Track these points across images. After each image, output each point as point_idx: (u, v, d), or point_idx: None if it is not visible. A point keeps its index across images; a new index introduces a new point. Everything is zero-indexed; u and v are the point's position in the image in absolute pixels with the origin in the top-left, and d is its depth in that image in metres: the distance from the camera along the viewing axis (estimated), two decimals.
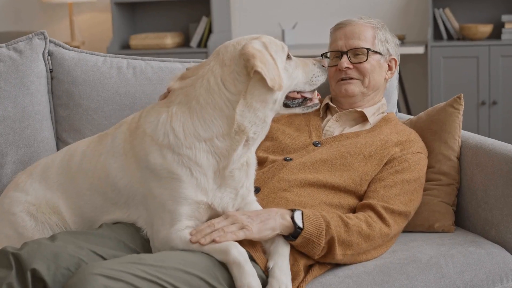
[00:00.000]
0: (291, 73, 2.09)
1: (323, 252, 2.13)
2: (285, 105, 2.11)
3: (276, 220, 2.07)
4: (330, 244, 2.13)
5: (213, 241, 1.98)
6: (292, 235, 2.09)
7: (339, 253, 2.15)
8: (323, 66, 2.15)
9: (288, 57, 2.10)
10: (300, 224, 2.09)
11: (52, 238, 2.01)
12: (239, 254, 1.97)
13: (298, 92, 2.12)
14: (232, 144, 2.02)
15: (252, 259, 2.04)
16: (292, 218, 2.09)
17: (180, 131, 2.02)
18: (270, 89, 2.00)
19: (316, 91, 2.16)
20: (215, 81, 2.02)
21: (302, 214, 2.11)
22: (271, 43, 2.06)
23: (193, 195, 2.02)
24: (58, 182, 2.19)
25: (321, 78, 2.15)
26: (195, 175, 2.02)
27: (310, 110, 2.16)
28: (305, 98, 2.14)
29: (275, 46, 2.06)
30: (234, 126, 2.00)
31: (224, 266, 1.99)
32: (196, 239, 1.99)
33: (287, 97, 2.11)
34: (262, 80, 1.99)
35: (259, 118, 2.03)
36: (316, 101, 2.16)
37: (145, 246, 2.10)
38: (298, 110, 2.14)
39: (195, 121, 2.02)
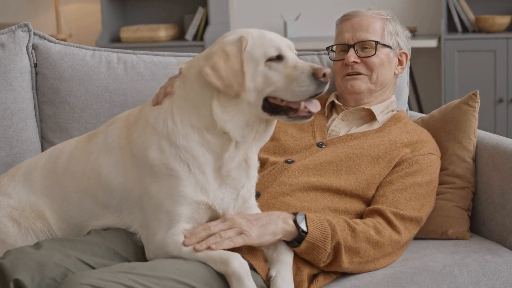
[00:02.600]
0: (270, 77, 1.99)
1: (329, 259, 2.13)
2: (272, 111, 2.01)
3: (278, 224, 2.08)
4: (336, 250, 2.13)
5: (208, 248, 1.99)
6: (296, 240, 2.09)
7: (345, 260, 2.15)
8: (319, 78, 1.95)
9: (279, 58, 2.00)
10: (304, 227, 2.09)
11: (37, 246, 2.02)
12: (240, 266, 1.97)
13: (282, 100, 2.01)
14: (222, 143, 2.04)
15: (252, 268, 2.04)
16: (295, 221, 2.09)
17: (178, 118, 2.04)
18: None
19: (313, 102, 2.01)
20: (195, 73, 2.05)
21: (306, 217, 2.11)
22: (255, 41, 2.02)
23: (192, 194, 2.03)
24: (43, 185, 2.20)
25: (304, 90, 1.96)
26: (193, 171, 2.03)
27: (293, 121, 2.04)
28: (290, 108, 2.02)
29: (259, 46, 2.01)
30: (218, 125, 2.02)
31: (222, 277, 1.99)
32: (190, 243, 2.00)
33: (270, 103, 2.01)
34: None
35: (238, 122, 2.02)
36: (303, 114, 2.01)
37: (138, 254, 2.10)
38: (283, 119, 2.04)
39: (190, 109, 2.04)
